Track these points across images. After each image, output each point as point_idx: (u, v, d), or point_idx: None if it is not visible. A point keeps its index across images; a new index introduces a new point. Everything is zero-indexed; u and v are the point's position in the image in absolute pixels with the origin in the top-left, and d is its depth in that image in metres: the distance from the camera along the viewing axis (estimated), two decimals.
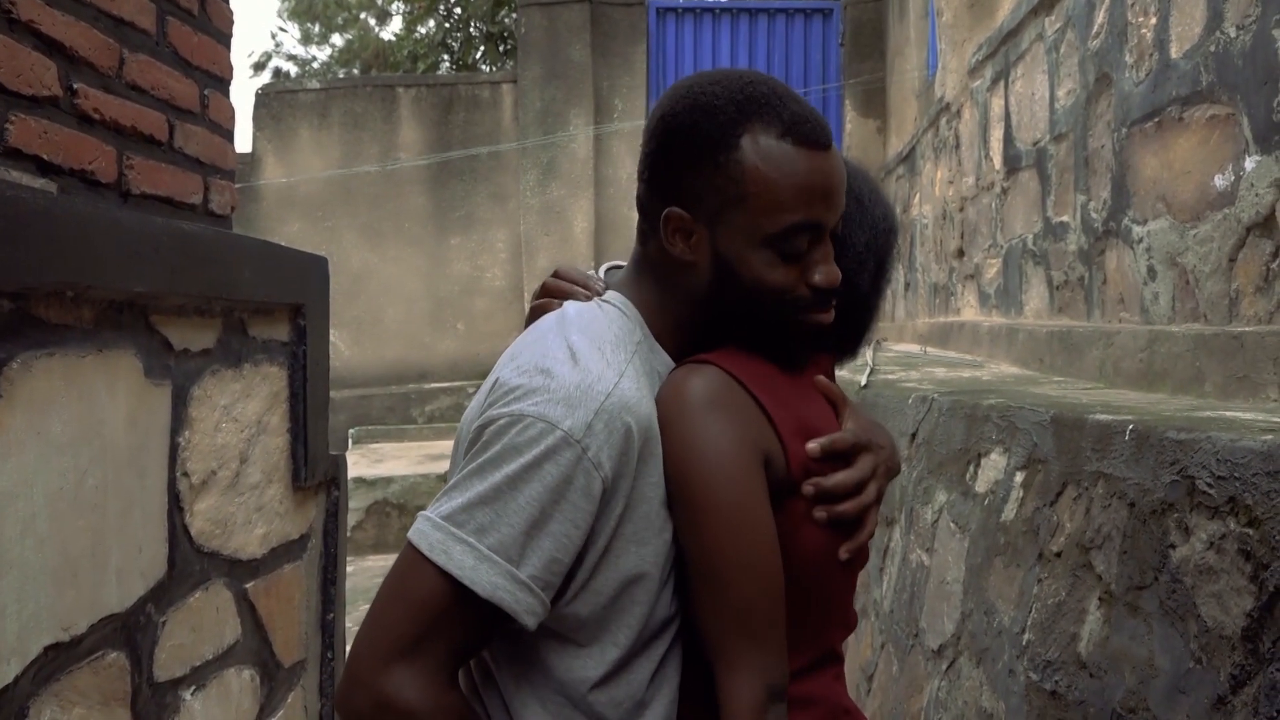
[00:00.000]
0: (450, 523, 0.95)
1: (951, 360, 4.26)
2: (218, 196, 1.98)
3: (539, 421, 0.95)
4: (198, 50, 1.91)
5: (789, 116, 1.03)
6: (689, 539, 1.03)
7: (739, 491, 1.03)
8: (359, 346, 8.78)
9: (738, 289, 1.05)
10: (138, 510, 1.53)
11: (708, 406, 1.04)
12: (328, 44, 15.51)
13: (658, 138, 1.07)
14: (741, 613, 1.01)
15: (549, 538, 0.95)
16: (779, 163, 1.02)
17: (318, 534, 2.22)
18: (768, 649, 1.02)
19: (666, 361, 1.09)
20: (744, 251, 1.04)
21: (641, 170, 1.09)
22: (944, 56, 5.38)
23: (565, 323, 1.06)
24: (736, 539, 1.02)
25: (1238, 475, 1.25)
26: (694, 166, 1.03)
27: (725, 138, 1.02)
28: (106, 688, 1.45)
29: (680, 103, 1.05)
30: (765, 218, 1.02)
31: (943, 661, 2.26)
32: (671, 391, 1.06)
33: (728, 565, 1.01)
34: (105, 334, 1.46)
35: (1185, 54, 2.34)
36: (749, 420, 1.05)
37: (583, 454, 0.95)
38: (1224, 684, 1.23)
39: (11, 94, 1.39)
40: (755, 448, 1.05)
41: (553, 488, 0.94)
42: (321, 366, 2.18)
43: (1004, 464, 2.12)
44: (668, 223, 1.05)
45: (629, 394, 0.98)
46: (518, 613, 0.95)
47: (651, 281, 1.11)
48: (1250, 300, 2.07)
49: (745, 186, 1.02)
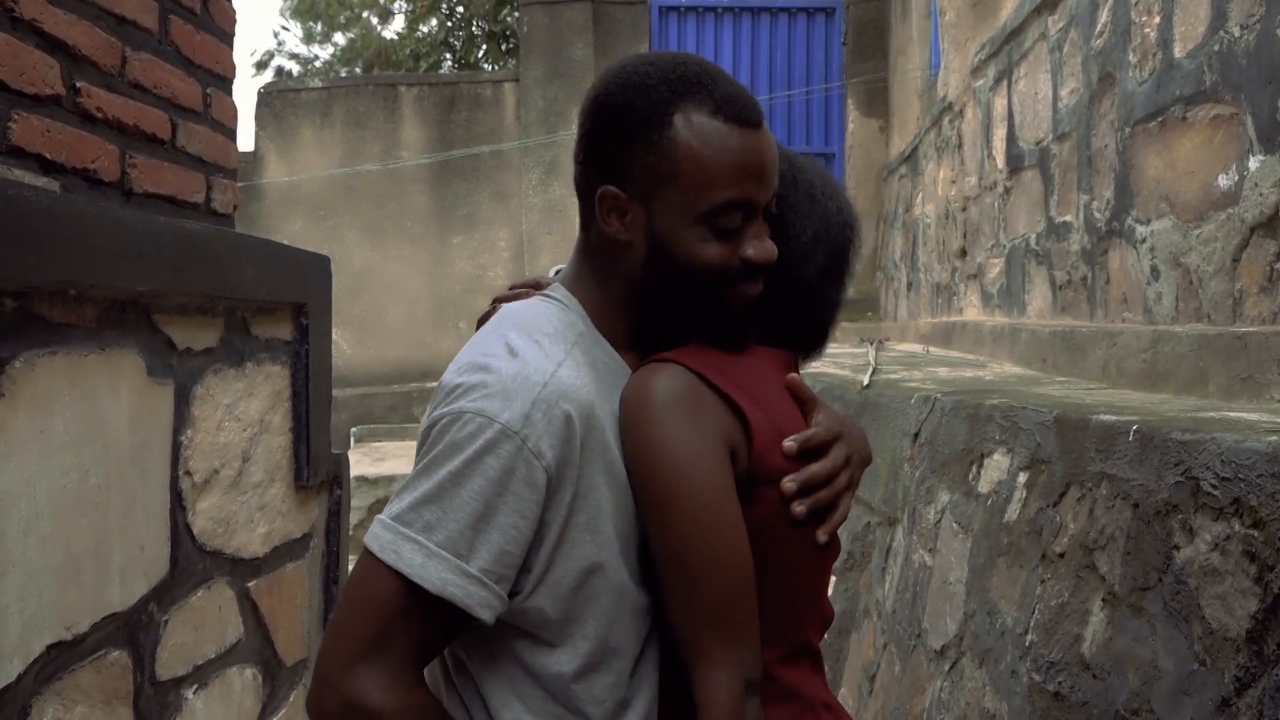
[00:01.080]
0: (399, 523, 0.97)
1: (954, 360, 4.26)
2: (220, 195, 1.98)
3: (477, 417, 0.96)
4: (200, 49, 1.91)
5: (720, 95, 1.05)
6: (659, 538, 1.04)
7: (707, 488, 1.03)
8: (361, 345, 8.78)
9: (672, 266, 1.06)
10: (140, 509, 1.53)
11: (672, 404, 1.04)
12: (330, 43, 15.51)
13: (592, 118, 1.08)
14: (715, 608, 1.02)
15: (496, 530, 0.96)
16: (711, 140, 1.03)
17: (320, 533, 2.22)
18: (743, 643, 1.03)
19: (610, 353, 1.10)
20: (678, 228, 1.05)
21: (577, 153, 1.11)
22: (947, 56, 5.37)
23: (503, 320, 1.08)
24: (707, 535, 1.02)
25: (1242, 476, 1.25)
26: (628, 145, 1.05)
27: (658, 116, 1.04)
28: (109, 686, 1.45)
29: (613, 83, 1.07)
30: (698, 194, 1.03)
31: (945, 662, 2.26)
32: (635, 391, 1.06)
33: (699, 562, 1.02)
34: (108, 333, 1.46)
35: (1189, 53, 2.34)
36: (713, 415, 1.05)
37: (522, 445, 0.96)
38: (1228, 686, 1.23)
39: (14, 93, 1.39)
40: (721, 442, 1.05)
41: (495, 480, 0.96)
42: (324, 365, 2.17)
43: (1007, 464, 2.12)
44: (603, 201, 1.06)
45: (567, 382, 0.99)
46: (470, 606, 0.96)
47: (592, 270, 1.12)
48: (1254, 300, 2.07)
49: (678, 164, 1.03)
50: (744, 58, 8.79)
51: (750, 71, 8.77)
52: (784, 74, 8.82)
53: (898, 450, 2.89)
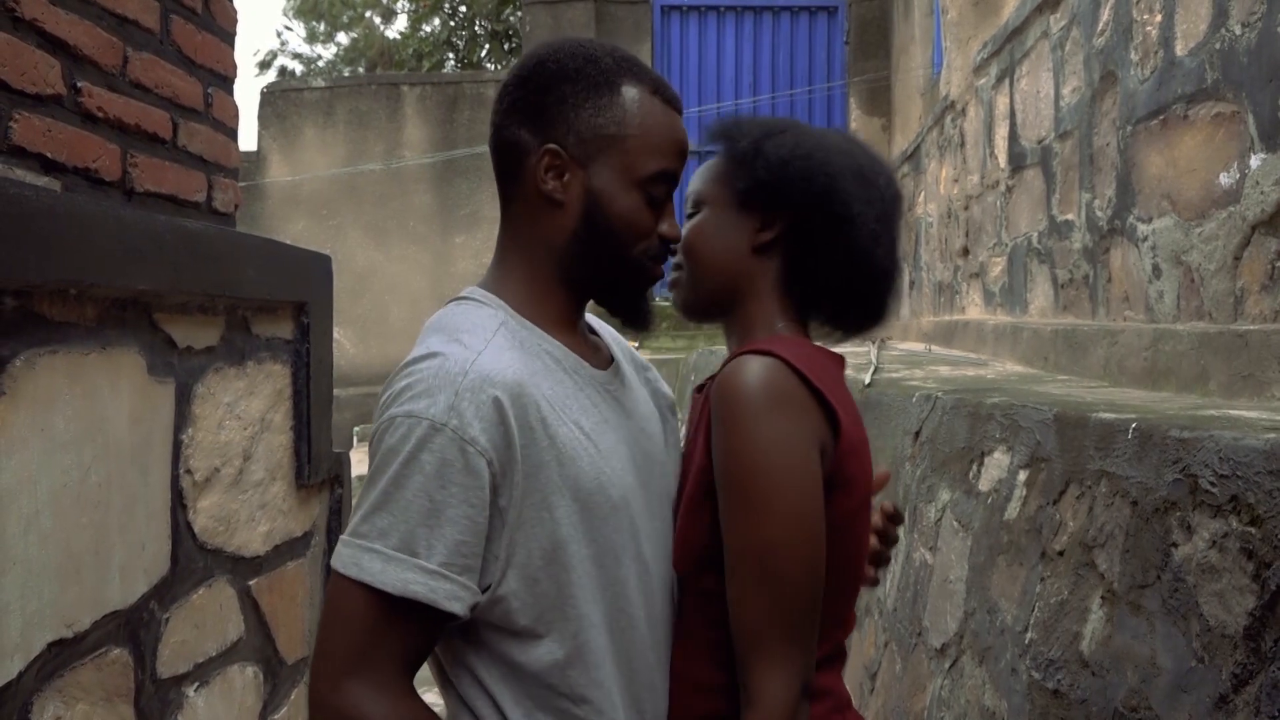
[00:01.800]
0: (356, 536, 0.99)
1: (956, 359, 4.26)
2: (221, 194, 1.98)
3: (406, 419, 0.99)
4: (201, 49, 1.91)
5: (654, 78, 1.14)
6: (740, 531, 1.04)
7: (802, 492, 1.03)
8: (364, 345, 8.79)
9: (606, 228, 1.10)
10: (141, 507, 1.54)
11: (773, 401, 1.04)
12: (333, 42, 15.53)
13: (536, 80, 1.12)
14: (788, 610, 1.02)
15: (449, 523, 0.98)
16: (652, 113, 1.12)
17: (321, 531, 2.23)
18: (806, 646, 1.04)
19: (539, 334, 1.11)
20: (617, 190, 1.10)
21: (507, 115, 1.13)
22: (949, 54, 5.37)
23: (424, 331, 1.11)
24: (795, 538, 1.03)
25: (1240, 474, 1.25)
26: (577, 107, 1.10)
27: (608, 82, 1.11)
28: (110, 684, 1.45)
29: (559, 52, 1.13)
30: (641, 159, 1.10)
31: (946, 660, 2.26)
32: (734, 382, 1.06)
33: (783, 563, 1.02)
34: (108, 331, 1.46)
35: (1190, 51, 2.34)
36: (809, 416, 1.06)
37: (454, 435, 0.98)
38: (1226, 683, 1.23)
39: (15, 92, 1.39)
40: (815, 445, 1.06)
41: (435, 475, 0.97)
42: (325, 364, 2.18)
43: (1007, 463, 2.12)
44: (544, 159, 1.09)
45: (489, 367, 1.01)
46: (436, 601, 0.97)
47: (516, 247, 1.15)
48: (1255, 298, 2.06)
49: (626, 128, 1.10)
50: (746, 57, 8.79)
51: (753, 70, 8.76)
52: (786, 73, 8.81)
53: (899, 449, 2.89)
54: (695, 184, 1.25)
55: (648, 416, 1.21)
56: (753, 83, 8.74)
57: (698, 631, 1.14)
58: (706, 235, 1.21)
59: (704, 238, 1.21)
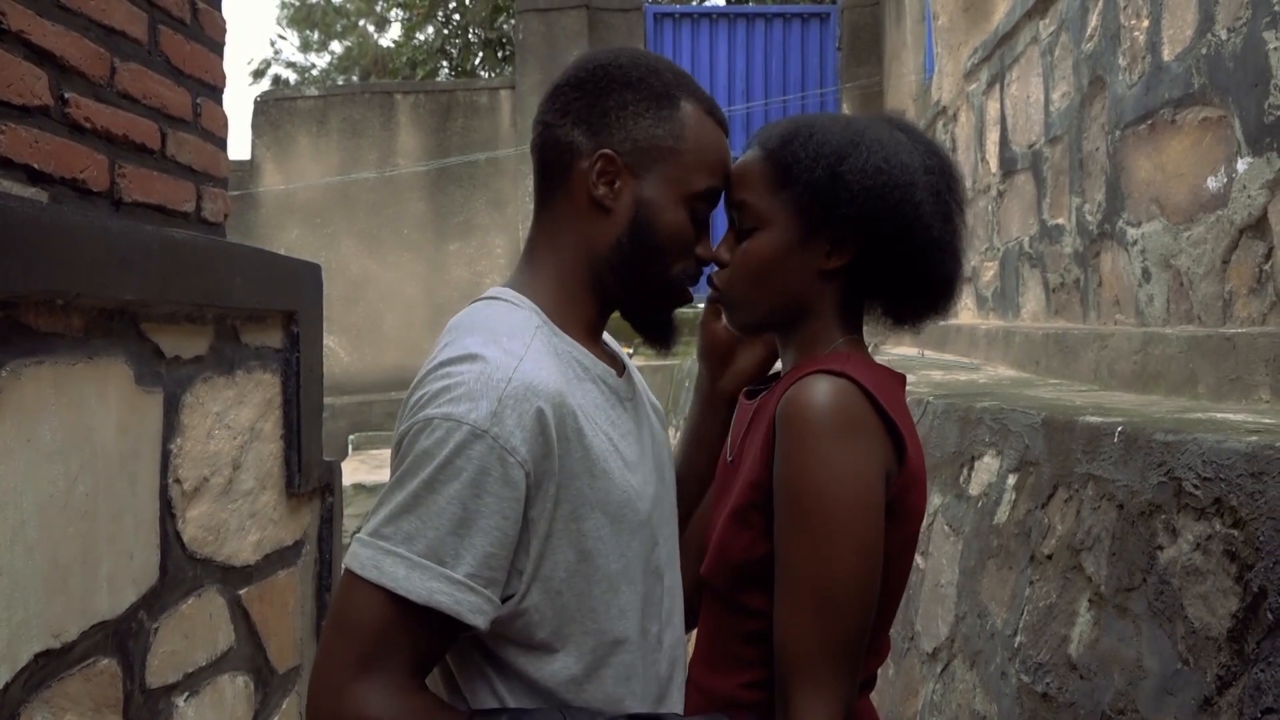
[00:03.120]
0: (378, 538, 0.95)
1: (949, 363, 4.26)
2: (210, 204, 1.98)
3: (445, 421, 0.95)
4: (190, 59, 1.92)
5: (708, 98, 1.14)
6: (798, 555, 1.02)
7: (869, 524, 1.02)
8: (358, 353, 8.79)
9: (652, 240, 1.09)
10: (129, 517, 1.54)
11: (845, 426, 1.02)
12: (327, 51, 15.54)
13: (596, 84, 1.10)
14: (840, 638, 1.01)
15: (480, 533, 0.94)
16: (706, 131, 1.12)
17: (312, 540, 2.23)
18: (852, 678, 1.03)
19: (570, 342, 1.09)
20: (666, 203, 1.09)
21: (560, 116, 1.11)
22: (940, 60, 5.39)
23: (456, 328, 1.07)
24: (855, 568, 1.01)
25: (1223, 476, 1.25)
26: (637, 116, 1.09)
27: (669, 95, 1.10)
28: (98, 694, 1.45)
29: (620, 58, 1.12)
30: (693, 175, 1.10)
31: (937, 664, 2.26)
32: (804, 403, 1.04)
33: (840, 591, 1.01)
34: (95, 342, 1.47)
35: (1177, 56, 2.35)
36: (879, 444, 1.04)
37: (494, 443, 0.94)
38: (1210, 685, 1.23)
39: (2, 103, 1.40)
40: (882, 474, 1.04)
41: (471, 483, 0.94)
42: (315, 373, 2.18)
43: (997, 467, 2.12)
44: (597, 163, 1.08)
45: (531, 375, 0.98)
46: (460, 613, 0.94)
47: (552, 252, 1.12)
48: (1244, 302, 2.07)
49: (684, 142, 1.10)
50: (739, 63, 8.80)
51: (745, 77, 8.78)
52: (779, 79, 8.84)
53: None
54: (747, 195, 1.17)
55: (656, 425, 1.21)
56: (745, 89, 8.76)
57: (727, 645, 1.13)
58: (769, 260, 1.15)
59: (767, 263, 1.15)
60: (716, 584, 1.14)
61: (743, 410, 1.22)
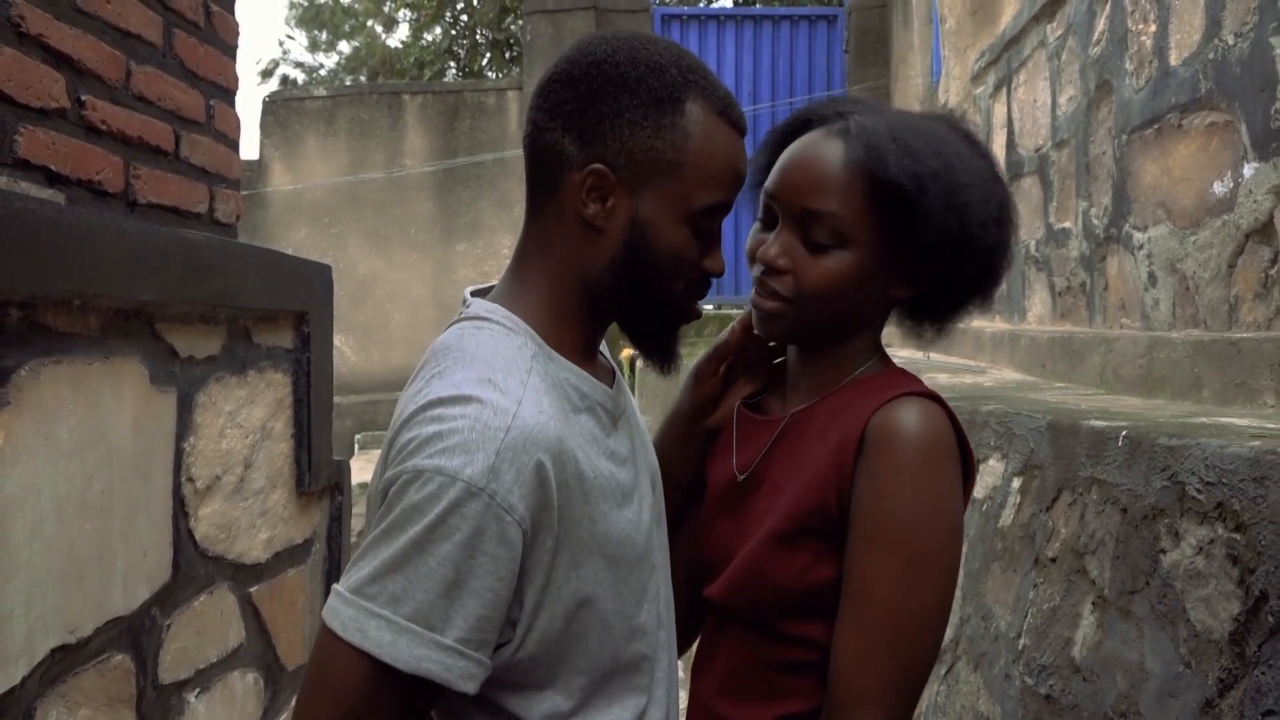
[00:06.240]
0: (361, 596, 0.86)
1: (955, 366, 4.27)
2: (223, 205, 2.00)
3: (437, 475, 0.85)
4: (204, 62, 1.94)
5: (723, 94, 1.00)
6: (888, 590, 0.98)
7: (956, 553, 1.00)
8: (366, 352, 8.81)
9: (649, 263, 0.98)
10: (143, 515, 1.56)
11: (940, 456, 1.00)
12: (335, 51, 15.59)
13: (588, 83, 0.97)
14: (912, 676, 0.99)
15: (472, 595, 0.86)
16: (716, 138, 0.98)
17: (321, 539, 2.25)
18: (912, 708, 1.01)
19: (568, 366, 0.99)
20: (666, 223, 0.97)
21: (549, 117, 0.99)
22: (947, 63, 5.40)
23: (444, 358, 0.95)
24: (942, 604, 0.99)
25: (1225, 481, 1.26)
26: (634, 125, 0.96)
27: (672, 98, 0.97)
28: (112, 689, 1.47)
29: (619, 54, 0.97)
30: (697, 190, 0.97)
31: (941, 666, 2.27)
32: (906, 429, 1.00)
33: (923, 629, 0.99)
34: (111, 341, 1.48)
35: (1184, 61, 2.36)
36: (958, 470, 1.02)
37: (490, 501, 0.85)
38: (1212, 687, 1.24)
39: (20, 106, 1.42)
40: (961, 502, 1.03)
41: (464, 544, 0.85)
42: (325, 373, 2.20)
43: (1002, 470, 2.13)
44: (588, 178, 0.97)
45: (531, 423, 0.89)
46: (450, 681, 0.86)
47: (544, 268, 1.02)
48: (1249, 306, 2.08)
49: (685, 154, 0.96)
50: (746, 65, 8.81)
51: (752, 79, 8.79)
52: (786, 82, 8.85)
53: None
54: (833, 207, 1.06)
55: (641, 426, 1.15)
56: (752, 91, 8.77)
57: (761, 675, 1.08)
58: (850, 282, 1.06)
59: (846, 284, 1.06)
60: (743, 608, 1.09)
61: (753, 425, 1.17)
